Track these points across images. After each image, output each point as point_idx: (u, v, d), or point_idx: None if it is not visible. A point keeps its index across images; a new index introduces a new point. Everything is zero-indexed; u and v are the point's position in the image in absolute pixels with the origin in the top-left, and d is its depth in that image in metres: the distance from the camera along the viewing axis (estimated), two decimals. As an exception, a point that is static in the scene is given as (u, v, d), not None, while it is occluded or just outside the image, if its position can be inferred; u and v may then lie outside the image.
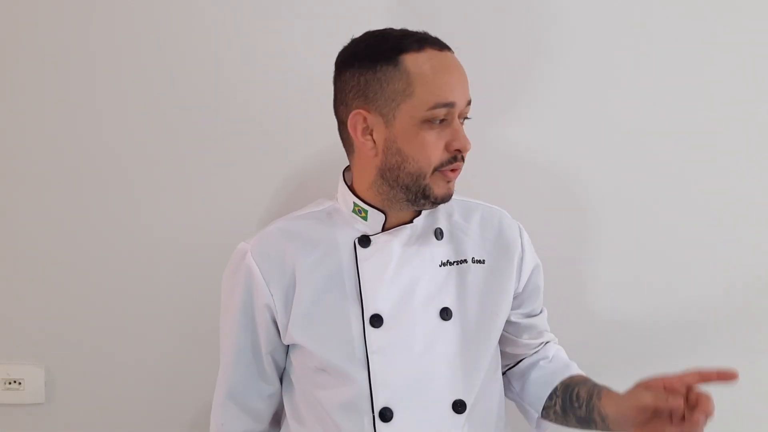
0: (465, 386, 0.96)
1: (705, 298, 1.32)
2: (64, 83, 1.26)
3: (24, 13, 1.25)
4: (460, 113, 0.93)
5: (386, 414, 0.93)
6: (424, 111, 0.90)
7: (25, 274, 1.30)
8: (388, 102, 0.91)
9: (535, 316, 1.09)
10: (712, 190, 1.30)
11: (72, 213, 1.29)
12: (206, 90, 1.26)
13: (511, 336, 1.08)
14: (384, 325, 0.95)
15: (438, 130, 0.91)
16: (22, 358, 1.31)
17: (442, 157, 0.92)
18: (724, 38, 1.27)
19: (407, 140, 0.91)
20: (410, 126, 0.91)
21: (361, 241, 0.98)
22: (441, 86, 0.90)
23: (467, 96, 0.93)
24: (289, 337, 0.98)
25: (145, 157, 1.28)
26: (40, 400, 1.31)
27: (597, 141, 1.29)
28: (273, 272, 0.97)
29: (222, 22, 1.25)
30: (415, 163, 0.92)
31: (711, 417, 0.83)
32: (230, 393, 1.02)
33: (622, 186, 1.30)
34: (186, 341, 1.31)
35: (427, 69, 0.90)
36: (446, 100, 0.90)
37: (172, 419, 1.33)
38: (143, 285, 1.30)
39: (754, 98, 1.29)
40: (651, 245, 1.31)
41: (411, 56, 0.90)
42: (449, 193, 0.96)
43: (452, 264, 1.00)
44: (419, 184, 0.93)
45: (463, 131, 0.93)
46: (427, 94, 0.89)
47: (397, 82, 0.90)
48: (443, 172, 0.93)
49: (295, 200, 1.25)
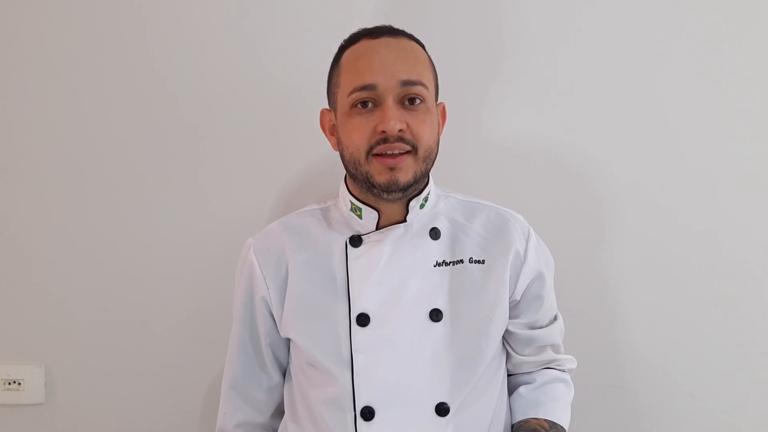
0: (452, 389, 0.94)
1: (723, 292, 1.29)
2: (69, 83, 1.27)
3: (24, 14, 1.25)
4: (397, 95, 0.91)
5: (367, 413, 0.92)
6: (347, 97, 0.92)
7: (25, 274, 1.30)
8: (332, 96, 0.98)
9: (538, 328, 1.04)
10: (730, 183, 1.27)
11: (72, 213, 1.29)
12: (212, 92, 1.26)
13: (508, 349, 1.04)
14: (370, 325, 0.95)
15: (367, 115, 0.92)
16: (22, 359, 1.31)
17: (369, 140, 0.91)
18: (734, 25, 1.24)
19: (342, 128, 0.95)
20: (342, 114, 0.94)
21: (353, 240, 0.98)
22: (359, 70, 0.92)
23: (399, 76, 0.90)
24: (284, 331, 1.00)
25: (146, 158, 1.28)
26: (40, 401, 1.31)
27: (610, 135, 1.27)
28: (270, 266, 1.00)
29: (227, 23, 1.25)
30: (348, 150, 0.94)
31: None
32: (233, 383, 1.06)
33: (636, 180, 1.27)
34: (185, 341, 1.31)
35: (351, 58, 0.94)
36: (363, 82, 0.90)
37: (171, 419, 1.33)
38: (143, 285, 1.30)
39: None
40: (666, 239, 1.28)
41: (348, 51, 0.96)
42: (395, 181, 0.91)
43: (447, 264, 0.98)
44: (361, 172, 0.93)
45: (395, 112, 0.90)
46: (348, 81, 0.93)
47: (335, 76, 0.97)
48: (378, 159, 0.91)
49: (301, 201, 1.24)
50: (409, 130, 0.91)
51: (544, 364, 1.06)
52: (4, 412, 1.32)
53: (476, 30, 1.25)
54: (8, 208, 1.29)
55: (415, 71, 0.92)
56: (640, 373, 1.30)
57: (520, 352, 1.04)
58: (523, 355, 1.04)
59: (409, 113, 0.91)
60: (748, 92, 1.25)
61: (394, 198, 0.94)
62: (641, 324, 1.29)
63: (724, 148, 1.26)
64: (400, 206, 0.98)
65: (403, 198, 0.96)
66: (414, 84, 0.91)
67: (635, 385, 1.30)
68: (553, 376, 1.06)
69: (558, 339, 1.06)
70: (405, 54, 0.92)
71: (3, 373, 1.30)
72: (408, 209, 0.98)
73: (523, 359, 1.04)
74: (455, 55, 1.24)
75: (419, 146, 0.92)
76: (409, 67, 0.91)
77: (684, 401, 1.30)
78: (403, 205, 0.98)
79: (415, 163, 0.92)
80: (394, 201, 0.96)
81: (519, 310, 1.03)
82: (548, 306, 1.05)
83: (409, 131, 0.91)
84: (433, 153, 0.95)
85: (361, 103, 0.91)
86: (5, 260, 1.30)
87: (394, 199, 0.95)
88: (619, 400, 1.30)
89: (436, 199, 1.03)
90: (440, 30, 1.23)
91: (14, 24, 1.25)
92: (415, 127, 0.91)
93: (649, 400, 1.31)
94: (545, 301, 1.03)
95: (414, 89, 0.91)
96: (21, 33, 1.25)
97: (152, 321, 1.31)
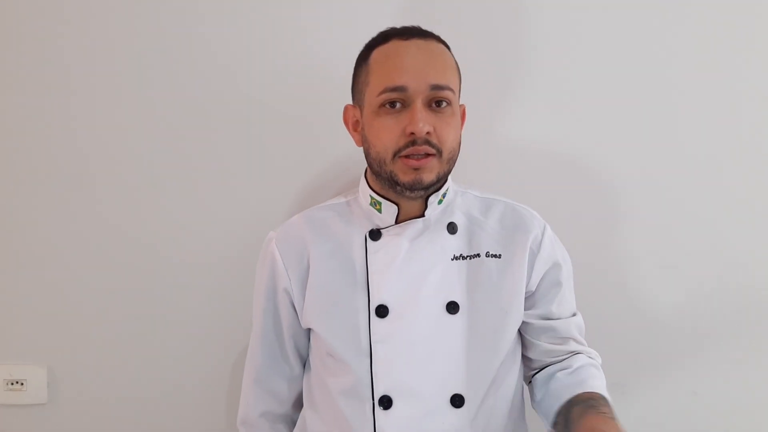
0: (468, 381, 0.96)
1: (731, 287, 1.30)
2: (78, 83, 1.26)
3: (25, 14, 1.25)
4: (425, 97, 0.92)
5: (385, 402, 0.94)
6: (376, 96, 0.93)
7: (28, 274, 1.30)
8: (359, 94, 0.99)
9: (555, 319, 1.03)
10: (738, 179, 1.29)
11: (74, 213, 1.29)
12: (232, 88, 1.26)
13: (529, 338, 1.04)
14: (389, 316, 0.97)
15: (395, 115, 0.93)
16: (25, 359, 1.31)
17: (398, 141, 0.92)
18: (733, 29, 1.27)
19: (369, 127, 0.96)
20: (370, 113, 0.95)
21: (372, 234, 1.01)
22: (391, 71, 0.93)
23: (429, 79, 0.92)
24: (305, 321, 1.02)
25: (150, 159, 1.28)
26: (43, 401, 1.31)
27: (616, 132, 1.28)
28: (292, 258, 1.02)
29: (242, 19, 1.25)
30: (374, 149, 0.95)
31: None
32: (256, 374, 1.08)
33: (649, 182, 1.28)
34: (189, 342, 1.31)
35: (382, 57, 0.95)
36: (394, 84, 0.92)
37: (174, 420, 1.33)
38: (146, 285, 1.30)
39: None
40: (678, 236, 1.30)
41: (377, 50, 0.96)
42: (419, 180, 0.93)
43: (465, 258, 1.00)
44: (385, 171, 0.95)
45: (423, 114, 0.91)
46: (378, 81, 0.94)
47: (363, 74, 0.98)
48: (403, 159, 0.93)
49: (320, 197, 1.25)
50: (435, 134, 0.93)
51: (571, 353, 1.04)
52: (7, 412, 1.31)
53: (489, 32, 1.27)
54: (11, 208, 1.28)
55: (444, 76, 0.93)
56: (643, 370, 1.31)
57: (538, 339, 1.03)
58: (542, 342, 1.03)
59: (436, 116, 0.93)
60: (754, 89, 1.27)
61: (416, 196, 0.97)
62: (643, 320, 1.30)
63: (739, 156, 1.28)
64: (419, 201, 1.00)
65: (424, 195, 0.98)
66: (443, 88, 0.93)
67: (637, 383, 1.31)
68: (587, 362, 1.02)
69: (576, 334, 1.05)
70: (435, 57, 0.94)
71: (6, 373, 1.29)
72: (427, 204, 1.00)
73: (549, 347, 1.03)
74: (470, 56, 1.23)
75: (444, 149, 0.94)
76: (438, 71, 0.93)
77: (686, 399, 1.31)
78: (422, 200, 1.00)
79: (439, 164, 0.94)
80: (416, 198, 0.98)
81: (533, 301, 1.03)
82: (566, 298, 1.05)
83: (435, 134, 0.93)
84: (455, 155, 0.97)
85: (389, 103, 0.93)
86: (8, 260, 1.29)
87: (415, 197, 0.97)
88: (620, 398, 1.30)
89: (454, 195, 1.05)
90: (455, 32, 1.23)
91: (15, 24, 1.25)
92: (440, 130, 0.93)
93: (650, 397, 1.31)
94: (563, 288, 1.04)
95: (442, 93, 0.93)
96: (22, 33, 1.25)
97: (155, 322, 1.30)
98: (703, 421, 1.31)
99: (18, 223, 1.29)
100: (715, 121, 1.27)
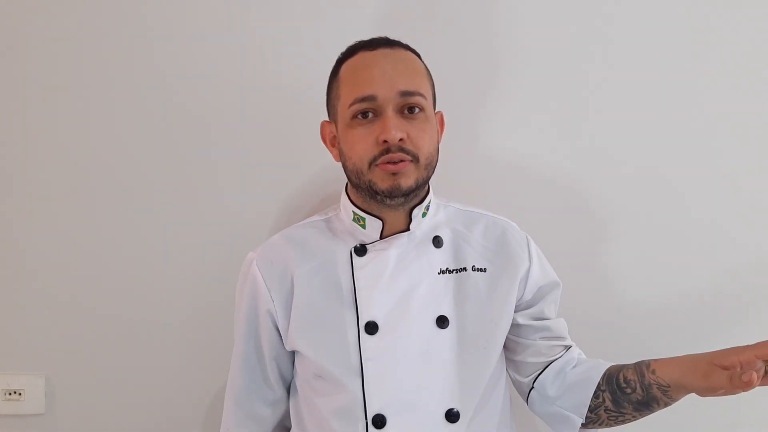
0: (461, 396, 0.95)
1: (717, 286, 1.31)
2: (76, 86, 1.27)
3: (19, 18, 1.26)
4: (396, 105, 0.93)
5: (379, 421, 0.93)
6: (347, 109, 0.94)
7: (25, 283, 1.30)
8: (332, 109, 1.00)
9: (547, 319, 1.05)
10: (721, 182, 1.30)
11: (72, 222, 1.29)
12: (217, 101, 1.27)
13: (524, 340, 1.04)
14: (379, 332, 0.95)
15: (368, 126, 0.93)
16: (22, 369, 1.30)
17: (372, 151, 0.93)
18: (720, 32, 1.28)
19: (344, 140, 0.97)
20: (344, 126, 0.96)
21: (357, 250, 1.00)
22: (359, 82, 0.94)
23: (398, 86, 0.92)
24: (290, 343, 1.00)
25: (149, 168, 1.28)
26: (40, 411, 1.30)
27: (598, 142, 1.29)
28: (274, 279, 1.00)
29: (232, 31, 1.26)
30: (351, 161, 0.96)
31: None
32: (236, 398, 1.05)
33: (635, 195, 1.29)
34: (187, 351, 1.31)
35: (350, 70, 0.96)
36: (363, 94, 0.92)
37: (172, 429, 1.32)
38: (144, 296, 1.30)
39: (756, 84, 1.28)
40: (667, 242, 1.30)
41: (346, 63, 0.98)
42: (397, 186, 0.93)
43: (451, 272, 1.00)
44: (363, 181, 0.95)
45: (395, 122, 0.91)
46: (348, 93, 0.95)
47: (335, 89, 0.99)
48: (380, 166, 0.93)
49: (304, 211, 1.26)
50: (410, 140, 0.92)
51: (566, 347, 1.05)
52: (5, 422, 1.31)
53: (474, 41, 1.27)
54: (9, 215, 1.29)
55: (413, 82, 0.94)
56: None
57: (533, 339, 1.04)
58: (537, 340, 1.03)
59: (408, 123, 0.93)
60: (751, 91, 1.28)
61: (396, 204, 0.95)
62: (641, 323, 1.30)
63: (712, 144, 1.29)
64: (402, 215, 0.99)
65: (405, 204, 0.97)
66: (412, 94, 0.93)
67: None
68: (580, 353, 1.06)
69: (566, 332, 1.07)
70: (403, 65, 0.95)
71: (3, 383, 1.29)
72: (411, 218, 0.99)
73: (546, 345, 1.03)
74: (453, 66, 1.25)
75: (420, 155, 0.94)
76: (407, 77, 0.94)
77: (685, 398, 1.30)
78: (405, 214, 0.99)
79: (416, 170, 0.94)
80: (396, 208, 0.97)
81: (528, 305, 1.05)
82: (555, 301, 1.08)
83: (409, 141, 0.92)
84: (433, 160, 0.97)
85: (361, 113, 0.93)
86: (6, 269, 1.29)
87: (396, 205, 0.96)
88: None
89: (436, 209, 1.05)
90: (438, 42, 1.25)
91: (16, 24, 1.25)
92: (414, 136, 0.93)
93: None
94: (553, 291, 1.06)
95: (413, 99, 0.93)
96: (23, 33, 1.26)
97: (153, 332, 1.30)
98: (702, 421, 1.30)
99: (15, 233, 1.29)
100: (701, 124, 1.28)
